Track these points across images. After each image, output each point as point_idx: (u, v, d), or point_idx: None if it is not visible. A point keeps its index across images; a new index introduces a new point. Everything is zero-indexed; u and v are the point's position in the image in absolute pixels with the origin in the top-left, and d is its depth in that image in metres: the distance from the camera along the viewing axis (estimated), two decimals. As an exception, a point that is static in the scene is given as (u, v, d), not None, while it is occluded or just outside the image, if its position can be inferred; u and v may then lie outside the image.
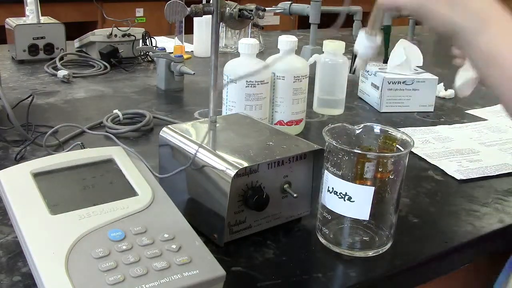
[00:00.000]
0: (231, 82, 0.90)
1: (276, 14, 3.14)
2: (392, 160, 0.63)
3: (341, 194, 0.62)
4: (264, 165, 0.64)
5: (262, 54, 1.55)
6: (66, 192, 0.59)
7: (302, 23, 3.41)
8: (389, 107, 1.18)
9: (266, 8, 0.74)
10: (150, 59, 1.52)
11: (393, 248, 0.66)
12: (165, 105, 1.17)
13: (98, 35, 1.46)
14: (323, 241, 0.66)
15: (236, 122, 0.76)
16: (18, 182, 0.59)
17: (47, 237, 0.52)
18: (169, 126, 0.72)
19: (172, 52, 1.41)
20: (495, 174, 0.88)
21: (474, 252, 0.73)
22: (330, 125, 0.67)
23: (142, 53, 1.52)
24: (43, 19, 1.50)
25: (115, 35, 1.47)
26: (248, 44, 0.91)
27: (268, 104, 0.96)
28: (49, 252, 0.51)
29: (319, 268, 0.62)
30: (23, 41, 1.42)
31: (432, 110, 1.20)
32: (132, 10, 3.05)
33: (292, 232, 0.69)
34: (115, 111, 1.03)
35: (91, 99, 1.19)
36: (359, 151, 0.63)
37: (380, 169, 0.62)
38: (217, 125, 0.72)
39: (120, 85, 1.29)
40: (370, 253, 0.65)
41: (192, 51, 1.64)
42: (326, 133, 0.65)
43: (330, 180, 0.63)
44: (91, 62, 1.46)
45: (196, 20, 1.60)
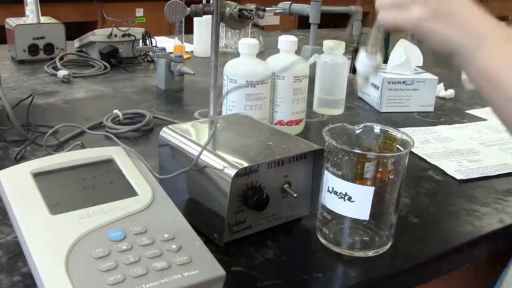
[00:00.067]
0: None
1: (276, 14, 3.14)
2: (392, 160, 0.63)
3: (341, 194, 0.62)
4: (264, 165, 0.64)
5: (262, 54, 1.55)
6: (66, 192, 0.59)
7: (302, 23, 3.41)
8: (389, 107, 1.18)
9: (266, 8, 0.74)
10: (150, 59, 1.52)
11: (393, 248, 0.66)
12: (165, 105, 1.17)
13: (98, 35, 1.46)
14: (323, 241, 0.66)
15: (236, 122, 0.76)
16: (18, 182, 0.59)
17: (47, 237, 0.52)
18: (169, 126, 0.72)
19: (172, 52, 1.41)
20: (495, 174, 0.88)
21: (474, 252, 0.73)
22: (330, 125, 0.67)
23: (142, 53, 1.52)
24: (43, 19, 1.50)
25: (115, 35, 1.46)
26: (248, 44, 0.91)
27: (268, 104, 0.96)
28: (49, 252, 0.51)
29: (319, 268, 0.62)
30: (23, 41, 1.42)
31: (432, 110, 1.20)
32: (132, 10, 3.05)
33: (292, 232, 0.69)
34: (115, 111, 1.03)
35: (91, 99, 1.19)
36: (359, 151, 0.63)
37: (380, 169, 0.62)
38: (217, 125, 0.72)
39: (120, 85, 1.29)
40: (370, 253, 0.65)
41: (192, 51, 1.64)
42: (326, 133, 0.65)
43: (330, 180, 0.63)
44: (91, 62, 1.46)
45: (196, 20, 1.60)
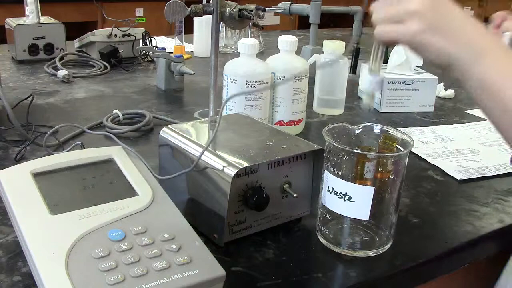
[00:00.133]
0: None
1: (276, 14, 3.14)
2: (392, 160, 0.62)
3: (341, 194, 0.62)
4: (264, 165, 0.64)
5: (262, 54, 1.55)
6: (66, 192, 0.59)
7: (302, 23, 3.41)
8: (389, 107, 1.18)
9: (266, 8, 0.74)
10: (150, 59, 1.52)
11: (393, 248, 0.66)
12: (165, 105, 1.17)
13: (98, 35, 1.46)
14: (323, 241, 0.66)
15: (236, 122, 0.76)
16: (18, 182, 0.59)
17: (47, 237, 0.52)
18: (169, 126, 0.72)
19: (172, 52, 1.41)
20: (495, 174, 0.88)
21: (474, 252, 0.73)
22: (330, 125, 0.67)
23: (142, 53, 1.52)
24: (43, 19, 1.50)
25: (115, 35, 1.46)
26: (248, 44, 0.91)
27: (268, 104, 0.96)
28: (49, 252, 0.51)
29: (319, 268, 0.62)
30: (23, 41, 1.42)
31: (432, 110, 1.20)
32: (132, 10, 3.05)
33: (292, 232, 0.69)
34: (115, 111, 1.03)
35: (91, 99, 1.19)
36: (359, 151, 0.63)
37: (380, 169, 0.62)
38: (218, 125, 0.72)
39: (120, 85, 1.29)
40: (370, 253, 0.65)
41: (192, 51, 1.64)
42: (326, 133, 0.65)
43: (330, 180, 0.63)
44: (91, 62, 1.46)
45: (196, 20, 1.60)
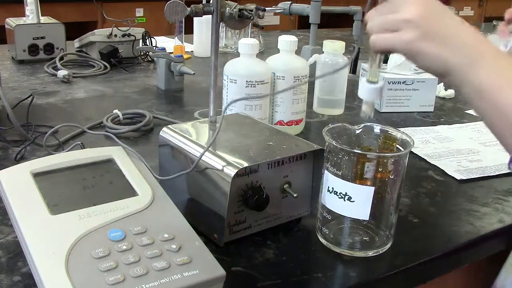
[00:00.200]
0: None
1: (276, 14, 3.14)
2: (392, 160, 0.62)
3: (341, 194, 0.62)
4: (264, 165, 0.64)
5: (262, 54, 1.55)
6: (66, 192, 0.59)
7: (302, 23, 3.41)
8: (389, 107, 1.18)
9: (266, 8, 0.74)
10: (150, 59, 1.52)
11: (393, 248, 0.66)
12: (165, 105, 1.17)
13: (98, 35, 1.46)
14: (323, 241, 0.66)
15: (236, 122, 0.76)
16: (18, 182, 0.59)
17: (47, 237, 0.52)
18: (169, 126, 0.72)
19: (172, 52, 1.41)
20: (495, 174, 0.88)
21: (474, 252, 0.73)
22: (330, 125, 0.67)
23: (142, 53, 1.52)
24: (43, 19, 1.50)
25: (115, 35, 1.46)
26: (248, 44, 0.91)
27: (268, 104, 0.96)
28: (49, 252, 0.51)
29: (319, 268, 0.62)
30: (23, 41, 1.42)
31: (432, 110, 1.20)
32: (132, 10, 3.05)
33: (292, 232, 0.69)
34: (115, 111, 1.03)
35: (91, 99, 1.19)
36: (359, 151, 0.63)
37: (380, 169, 0.62)
38: (218, 125, 0.72)
39: (120, 85, 1.29)
40: (370, 253, 0.65)
41: (192, 51, 1.64)
42: (326, 133, 0.65)
43: (330, 180, 0.63)
44: (91, 62, 1.46)
45: (196, 20, 1.60)
